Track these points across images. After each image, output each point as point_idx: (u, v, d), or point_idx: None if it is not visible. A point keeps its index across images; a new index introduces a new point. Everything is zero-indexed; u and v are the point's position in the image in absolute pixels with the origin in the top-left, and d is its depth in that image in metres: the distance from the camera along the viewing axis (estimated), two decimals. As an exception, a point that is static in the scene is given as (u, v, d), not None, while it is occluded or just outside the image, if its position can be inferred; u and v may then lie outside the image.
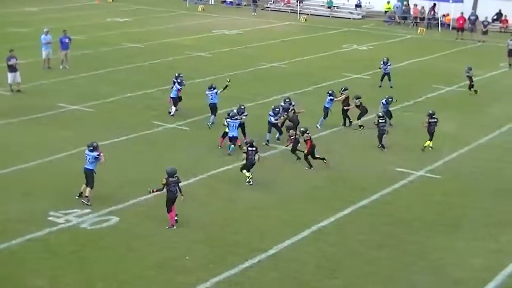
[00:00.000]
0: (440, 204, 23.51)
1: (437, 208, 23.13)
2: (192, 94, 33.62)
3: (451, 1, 61.51)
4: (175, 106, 32.19)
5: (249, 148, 24.40)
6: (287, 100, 29.81)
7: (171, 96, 32.28)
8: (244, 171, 24.50)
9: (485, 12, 59.35)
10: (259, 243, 20.18)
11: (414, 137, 30.09)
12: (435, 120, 28.54)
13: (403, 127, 30.91)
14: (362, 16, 67.47)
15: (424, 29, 60.35)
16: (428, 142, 28.57)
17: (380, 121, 28.61)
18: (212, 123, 30.47)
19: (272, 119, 28.53)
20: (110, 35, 53.08)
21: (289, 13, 68.72)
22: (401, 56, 46.95)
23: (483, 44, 54.87)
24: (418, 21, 63.09)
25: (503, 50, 47.86)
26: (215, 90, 30.66)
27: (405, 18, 64.38)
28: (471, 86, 37.75)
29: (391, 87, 37.67)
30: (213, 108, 30.64)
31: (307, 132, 26.33)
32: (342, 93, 31.52)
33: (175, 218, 21.04)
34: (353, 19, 66.56)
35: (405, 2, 64.96)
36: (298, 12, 67.10)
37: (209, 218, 21.83)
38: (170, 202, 20.96)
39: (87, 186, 22.49)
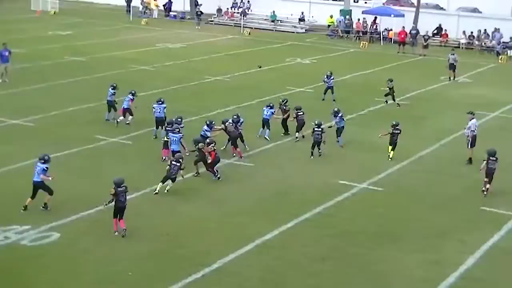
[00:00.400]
0: (383, 216, 23.70)
1: (380, 220, 23.32)
2: (135, 108, 33.37)
3: (392, 16, 62.30)
4: (124, 116, 32.44)
5: (173, 162, 24.56)
6: (235, 116, 29.68)
7: (124, 106, 32.46)
8: (160, 183, 24.67)
9: (426, 27, 60.27)
10: (203, 257, 20.11)
11: (357, 150, 30.36)
12: (399, 131, 29.03)
13: (347, 140, 31.03)
14: (305, 30, 67.88)
15: (367, 43, 60.97)
16: (391, 151, 29.18)
17: (315, 129, 29.08)
18: (155, 136, 30.40)
19: (208, 134, 28.48)
20: (52, 49, 52.50)
21: (233, 26, 68.83)
22: (344, 70, 47.34)
23: (424, 57, 55.60)
24: (361, 35, 63.69)
25: (444, 63, 48.56)
26: (163, 105, 30.59)
27: (348, 32, 64.94)
28: (393, 98, 38.50)
29: (334, 100, 37.95)
30: (160, 122, 30.42)
31: (213, 144, 26.34)
32: (284, 107, 32.03)
33: (123, 233, 21.05)
34: (297, 33, 66.93)
35: (347, 16, 65.57)
36: (242, 26, 67.23)
37: (153, 232, 21.70)
38: (118, 211, 21.08)
39: (32, 199, 22.42)
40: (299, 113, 31.41)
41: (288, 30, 67.80)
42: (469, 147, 29.20)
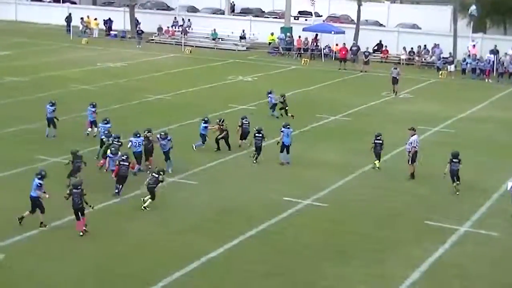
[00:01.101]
0: (327, 231, 23.77)
1: (325, 236, 23.37)
2: (77, 128, 33.04)
3: (333, 33, 62.83)
4: (91, 128, 33.37)
5: (153, 174, 25.19)
6: (162, 133, 29.65)
7: (89, 120, 33.40)
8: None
9: (366, 43, 60.97)
10: (149, 275, 19.94)
11: (301, 166, 30.44)
12: (381, 141, 29.83)
13: (292, 157, 31.09)
14: (246, 48, 68.12)
15: (308, 60, 61.38)
16: (376, 162, 29.89)
17: (256, 135, 30.47)
18: (98, 156, 30.16)
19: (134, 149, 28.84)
20: (-9, 69, 51.83)
21: (174, 45, 68.71)
22: (285, 87, 47.34)
23: (365, 74, 56.13)
24: (302, 52, 64.11)
25: (384, 79, 49.13)
26: (109, 125, 30.43)
27: (289, 49, 65.32)
28: (286, 111, 38.94)
29: (277, 117, 38.16)
30: None
31: (125, 157, 26.40)
32: (218, 124, 32.38)
33: (84, 228, 22.01)
34: (238, 50, 67.14)
35: (288, 34, 65.92)
36: (183, 44, 67.15)
37: (98, 251, 21.48)
38: (74, 212, 22.01)
39: (30, 212, 22.88)
40: (244, 122, 32.35)
41: (229, 48, 67.95)
42: (409, 162, 29.44)
